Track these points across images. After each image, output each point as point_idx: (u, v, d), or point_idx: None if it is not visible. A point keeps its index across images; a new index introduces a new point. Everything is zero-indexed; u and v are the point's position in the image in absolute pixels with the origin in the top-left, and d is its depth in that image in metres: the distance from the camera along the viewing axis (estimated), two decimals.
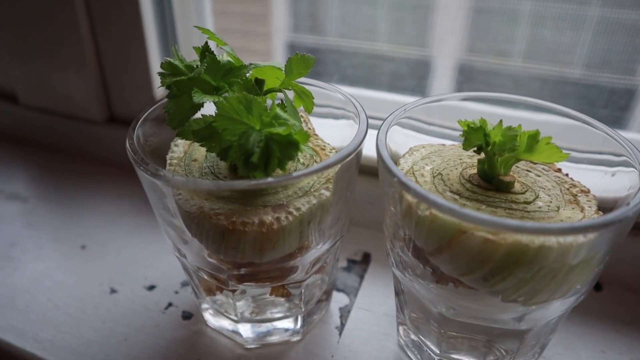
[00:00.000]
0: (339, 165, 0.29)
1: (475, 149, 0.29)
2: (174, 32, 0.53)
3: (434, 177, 0.31)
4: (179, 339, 0.37)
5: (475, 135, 0.29)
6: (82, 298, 0.41)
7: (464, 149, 0.29)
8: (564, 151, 0.28)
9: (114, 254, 0.45)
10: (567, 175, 0.32)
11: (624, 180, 0.30)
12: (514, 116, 0.35)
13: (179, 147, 0.35)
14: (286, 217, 0.29)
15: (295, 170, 0.32)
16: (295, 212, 0.30)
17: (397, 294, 0.36)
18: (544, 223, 0.25)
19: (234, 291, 0.33)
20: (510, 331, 0.30)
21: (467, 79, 0.69)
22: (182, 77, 0.29)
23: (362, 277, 0.43)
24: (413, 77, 0.71)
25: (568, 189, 0.31)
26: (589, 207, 0.29)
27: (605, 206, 0.30)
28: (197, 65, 0.31)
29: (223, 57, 0.31)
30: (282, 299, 0.36)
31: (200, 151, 0.34)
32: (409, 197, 0.28)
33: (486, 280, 0.26)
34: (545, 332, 0.31)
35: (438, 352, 0.33)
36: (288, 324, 0.37)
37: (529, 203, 0.28)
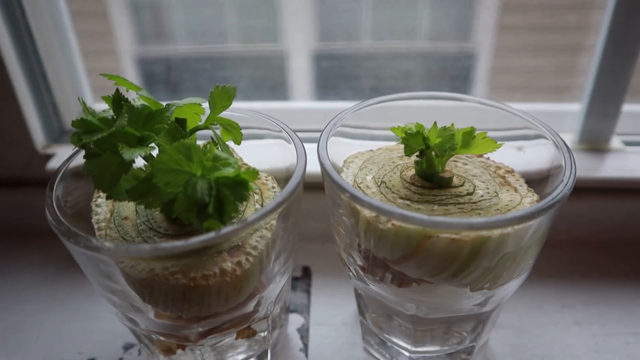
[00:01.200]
0: (293, 197, 0.28)
1: (417, 153, 0.30)
2: (43, 73, 0.47)
3: (378, 186, 0.31)
4: None
5: (414, 141, 0.29)
6: None
7: (406, 154, 0.30)
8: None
9: (32, 337, 0.39)
10: (488, 158, 0.35)
11: (541, 153, 0.33)
12: (428, 106, 0.37)
13: (102, 207, 0.31)
14: (247, 260, 0.28)
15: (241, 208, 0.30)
16: (253, 252, 0.28)
17: (357, 299, 0.36)
18: (501, 216, 0.27)
19: (198, 344, 0.31)
20: (471, 315, 0.32)
21: (324, 66, 0.70)
22: (103, 134, 0.26)
23: (308, 292, 0.43)
24: (271, 75, 0.71)
25: (495, 172, 0.33)
26: (520, 185, 0.32)
27: (530, 179, 0.33)
28: (112, 117, 0.28)
29: (136, 102, 0.29)
30: (243, 340, 0.34)
31: (127, 207, 0.31)
32: (366, 213, 0.28)
33: (455, 277, 0.28)
34: (501, 308, 0.34)
35: (407, 346, 0.34)
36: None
37: (471, 194, 0.30)
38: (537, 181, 0.32)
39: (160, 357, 0.34)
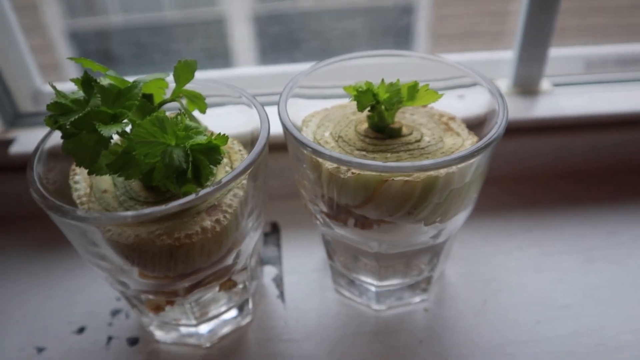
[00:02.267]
0: (260, 157, 0.31)
1: (369, 108, 0.33)
2: None
3: (336, 140, 0.35)
4: None
5: (365, 97, 0.33)
6: None
7: (359, 110, 0.33)
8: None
9: (17, 316, 0.41)
10: (432, 108, 0.38)
11: (478, 99, 0.36)
12: (375, 63, 0.40)
13: (80, 183, 0.33)
14: (224, 217, 0.31)
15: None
16: (229, 210, 0.31)
17: (325, 245, 0.39)
18: (446, 157, 0.30)
19: (187, 298, 0.34)
20: (427, 248, 0.37)
21: (265, 27, 0.70)
22: (79, 115, 0.28)
23: (279, 246, 0.46)
24: (212, 43, 0.71)
25: (439, 119, 0.37)
26: (462, 130, 0.36)
27: (470, 124, 0.36)
28: (83, 98, 0.29)
29: (103, 81, 0.30)
30: (224, 292, 0.38)
31: (104, 180, 0.33)
32: (328, 165, 0.31)
33: (410, 214, 0.32)
34: (452, 239, 0.38)
35: (373, 282, 0.39)
36: (235, 311, 0.39)
37: (419, 141, 0.34)
38: (476, 125, 0.36)
39: (150, 315, 0.37)
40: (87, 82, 0.29)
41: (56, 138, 0.33)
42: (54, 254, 0.46)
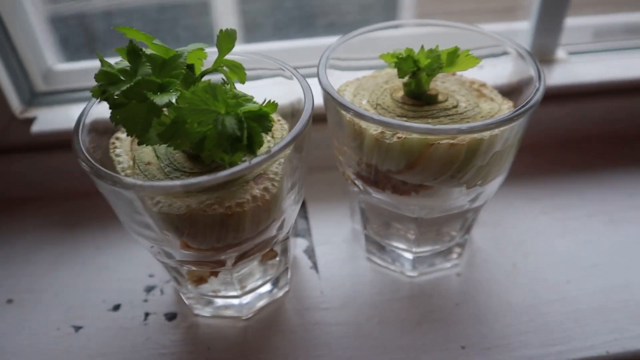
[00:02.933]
0: (307, 128, 0.31)
1: (410, 74, 0.33)
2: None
3: (375, 108, 0.35)
4: (178, 340, 0.37)
5: (406, 64, 0.33)
6: (49, 349, 0.37)
7: (400, 77, 0.34)
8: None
9: (50, 294, 0.41)
10: (462, 76, 0.39)
11: (507, 67, 0.37)
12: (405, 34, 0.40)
13: (122, 155, 0.33)
14: (272, 185, 0.31)
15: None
16: (276, 177, 0.31)
17: (361, 214, 0.40)
18: (491, 120, 0.31)
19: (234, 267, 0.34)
20: (463, 212, 0.37)
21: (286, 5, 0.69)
22: (130, 84, 0.27)
23: (307, 219, 0.46)
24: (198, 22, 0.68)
25: (470, 86, 0.37)
26: (495, 95, 0.36)
27: (502, 91, 0.37)
28: (129, 68, 0.29)
29: (147, 51, 0.30)
30: (261, 264, 0.38)
31: (147, 153, 0.33)
32: (372, 131, 0.32)
33: (454, 177, 0.32)
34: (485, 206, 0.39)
35: (409, 248, 0.39)
36: (272, 283, 0.39)
37: (456, 107, 0.34)
38: (507, 92, 0.37)
39: (189, 287, 0.37)
40: (132, 51, 0.29)
41: (96, 111, 0.33)
42: (81, 233, 0.46)
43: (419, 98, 0.35)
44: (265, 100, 0.30)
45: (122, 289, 0.41)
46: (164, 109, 0.29)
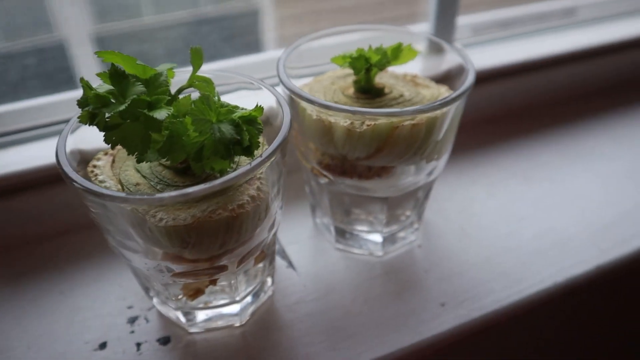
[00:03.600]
0: (289, 132, 0.33)
1: (363, 71, 0.38)
2: None
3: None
4: None
5: (359, 62, 0.37)
6: None
7: (355, 74, 0.38)
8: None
9: (24, 348, 0.38)
10: (393, 71, 0.44)
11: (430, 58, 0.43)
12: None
13: (107, 181, 0.33)
14: (262, 184, 0.33)
15: None
16: (264, 177, 0.33)
17: (331, 206, 0.43)
18: (443, 98, 0.36)
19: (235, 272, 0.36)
20: (420, 187, 0.42)
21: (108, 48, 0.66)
22: (126, 104, 0.28)
23: None
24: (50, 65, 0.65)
25: (404, 79, 0.43)
26: (429, 83, 0.42)
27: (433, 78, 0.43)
28: (113, 90, 0.30)
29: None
30: (250, 271, 0.39)
31: (131, 175, 0.33)
32: (342, 123, 0.35)
33: (416, 154, 0.37)
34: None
35: (380, 229, 0.43)
36: (259, 286, 0.41)
37: (402, 96, 0.39)
38: (441, 80, 0.43)
39: (182, 302, 0.37)
40: (116, 74, 0.30)
41: (71, 141, 0.32)
42: (36, 282, 0.43)
43: (368, 92, 0.39)
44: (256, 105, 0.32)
45: (103, 326, 0.40)
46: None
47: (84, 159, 0.34)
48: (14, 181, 0.44)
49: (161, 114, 0.28)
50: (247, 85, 0.37)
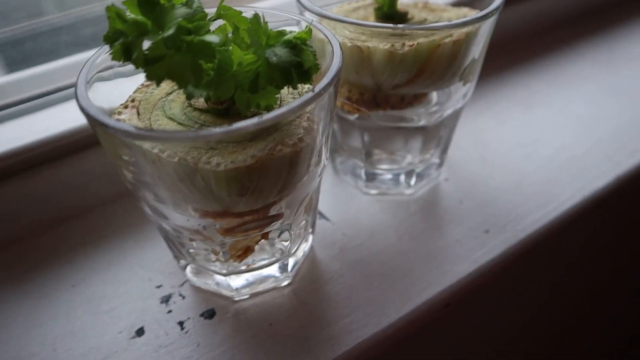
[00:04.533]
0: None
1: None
2: None
3: (361, 37, 0.36)
4: (232, 331, 0.34)
5: None
6: None
7: (379, 5, 0.35)
8: None
9: (49, 351, 0.33)
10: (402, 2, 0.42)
11: None
12: None
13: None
14: (311, 114, 0.30)
15: None
16: (309, 113, 0.30)
17: (364, 146, 0.40)
18: (478, 14, 0.34)
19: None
20: (454, 113, 0.40)
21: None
22: (171, 31, 0.24)
23: None
24: None
25: (416, 6, 0.41)
26: (445, 7, 0.40)
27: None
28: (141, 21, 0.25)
29: None
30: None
31: (165, 124, 0.29)
32: (382, 46, 0.33)
33: (455, 74, 0.35)
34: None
35: (414, 159, 0.41)
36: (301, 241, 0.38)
37: (426, 20, 0.37)
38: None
39: (228, 265, 0.33)
40: (146, 1, 0.25)
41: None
42: (42, 279, 0.37)
43: (392, 19, 0.37)
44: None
45: (135, 311, 0.35)
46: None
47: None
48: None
49: (214, 38, 0.25)
50: (283, 22, 0.34)
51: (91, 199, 0.43)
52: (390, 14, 0.37)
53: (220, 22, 0.29)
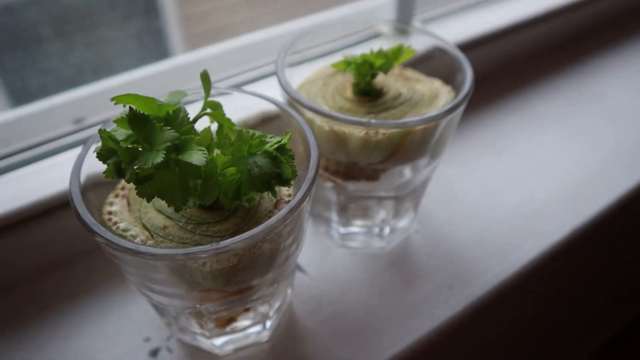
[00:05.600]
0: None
1: (369, 76, 0.37)
2: None
3: (341, 112, 0.38)
4: None
5: (364, 68, 0.37)
6: None
7: (359, 80, 0.37)
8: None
9: None
10: None
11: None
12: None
13: (130, 229, 0.31)
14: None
15: None
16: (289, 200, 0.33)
17: (339, 206, 0.43)
18: (448, 105, 0.36)
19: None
20: (422, 182, 0.43)
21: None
22: (163, 154, 0.26)
23: None
24: None
25: (391, 73, 0.43)
26: (420, 75, 0.42)
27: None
28: (132, 137, 0.27)
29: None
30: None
31: (155, 217, 0.31)
32: (356, 133, 0.35)
33: (424, 155, 0.38)
34: None
35: (388, 222, 0.44)
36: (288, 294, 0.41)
37: (401, 95, 0.40)
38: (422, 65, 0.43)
39: (211, 332, 0.36)
40: (136, 118, 0.27)
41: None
42: (33, 330, 0.40)
43: (368, 94, 0.39)
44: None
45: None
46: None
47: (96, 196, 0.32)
48: None
49: (199, 159, 0.27)
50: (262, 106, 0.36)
51: (81, 247, 0.45)
52: (368, 91, 0.39)
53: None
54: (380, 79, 0.41)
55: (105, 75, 0.51)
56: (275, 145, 0.29)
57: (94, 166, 0.30)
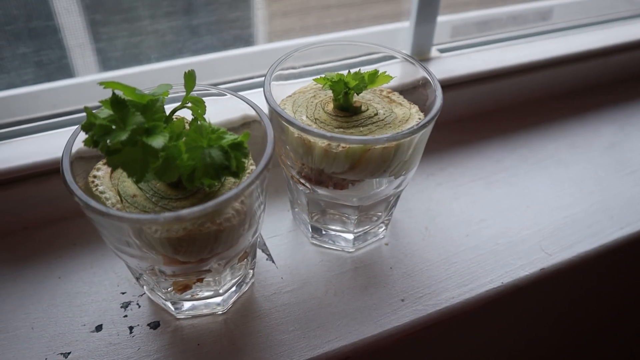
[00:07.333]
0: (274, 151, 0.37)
1: (342, 94, 0.41)
2: None
3: (315, 122, 0.42)
4: (168, 343, 0.42)
5: (338, 86, 0.41)
6: None
7: (334, 96, 0.41)
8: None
9: (27, 326, 0.43)
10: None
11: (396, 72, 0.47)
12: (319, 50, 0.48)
13: (106, 192, 0.36)
14: (246, 198, 0.37)
15: None
16: (246, 192, 0.37)
17: (309, 207, 0.47)
18: (410, 127, 0.40)
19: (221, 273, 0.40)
20: (390, 195, 0.46)
21: None
22: (128, 134, 0.31)
23: None
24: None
25: (381, 94, 0.46)
26: (402, 100, 0.46)
27: (402, 92, 0.47)
28: (114, 117, 0.33)
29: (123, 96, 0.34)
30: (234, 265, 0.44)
31: (129, 186, 0.37)
32: (320, 143, 0.39)
33: (385, 172, 0.41)
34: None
35: (350, 229, 0.48)
36: (241, 278, 0.45)
37: (377, 114, 0.43)
38: (408, 91, 0.47)
39: (171, 295, 0.42)
40: (117, 102, 0.33)
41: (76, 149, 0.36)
42: (35, 267, 0.47)
43: (346, 110, 0.43)
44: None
45: (99, 310, 0.44)
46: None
47: (85, 164, 0.38)
48: (14, 175, 0.47)
49: (158, 142, 0.32)
50: (225, 98, 0.41)
51: None
52: (345, 107, 0.43)
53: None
54: (368, 97, 0.45)
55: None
56: (230, 142, 0.34)
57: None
